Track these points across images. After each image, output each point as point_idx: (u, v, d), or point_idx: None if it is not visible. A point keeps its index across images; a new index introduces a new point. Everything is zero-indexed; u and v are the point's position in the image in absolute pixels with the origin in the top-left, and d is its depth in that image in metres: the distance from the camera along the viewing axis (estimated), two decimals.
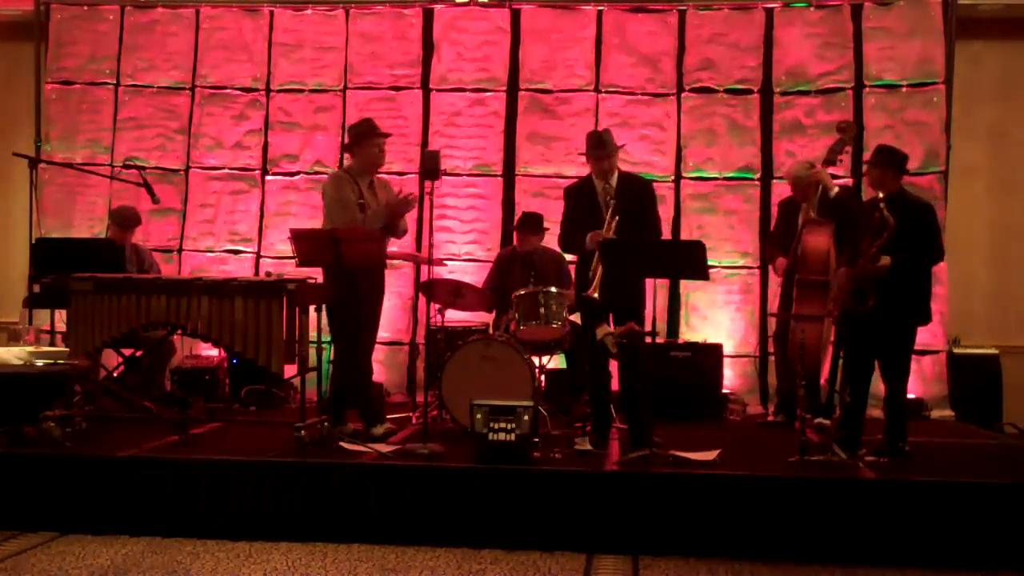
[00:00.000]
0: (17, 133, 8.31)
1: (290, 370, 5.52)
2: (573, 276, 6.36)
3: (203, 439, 5.67)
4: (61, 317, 6.06)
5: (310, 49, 8.25)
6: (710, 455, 5.13)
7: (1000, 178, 8.01)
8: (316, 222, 7.88)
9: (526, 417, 4.92)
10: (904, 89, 7.74)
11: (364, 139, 5.89)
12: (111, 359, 6.79)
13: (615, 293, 5.34)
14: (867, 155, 5.51)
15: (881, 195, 5.27)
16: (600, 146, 5.63)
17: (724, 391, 7.29)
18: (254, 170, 8.25)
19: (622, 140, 5.97)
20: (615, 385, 5.72)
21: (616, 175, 5.65)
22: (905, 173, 5.52)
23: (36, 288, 6.08)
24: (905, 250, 5.21)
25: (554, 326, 6.10)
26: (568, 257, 7.14)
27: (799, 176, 6.53)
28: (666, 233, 6.91)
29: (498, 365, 5.88)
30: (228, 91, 8.30)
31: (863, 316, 5.22)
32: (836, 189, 5.77)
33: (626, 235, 5.41)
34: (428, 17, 8.16)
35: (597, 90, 8.02)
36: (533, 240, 6.86)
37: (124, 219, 7.21)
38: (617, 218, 5.44)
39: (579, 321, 5.85)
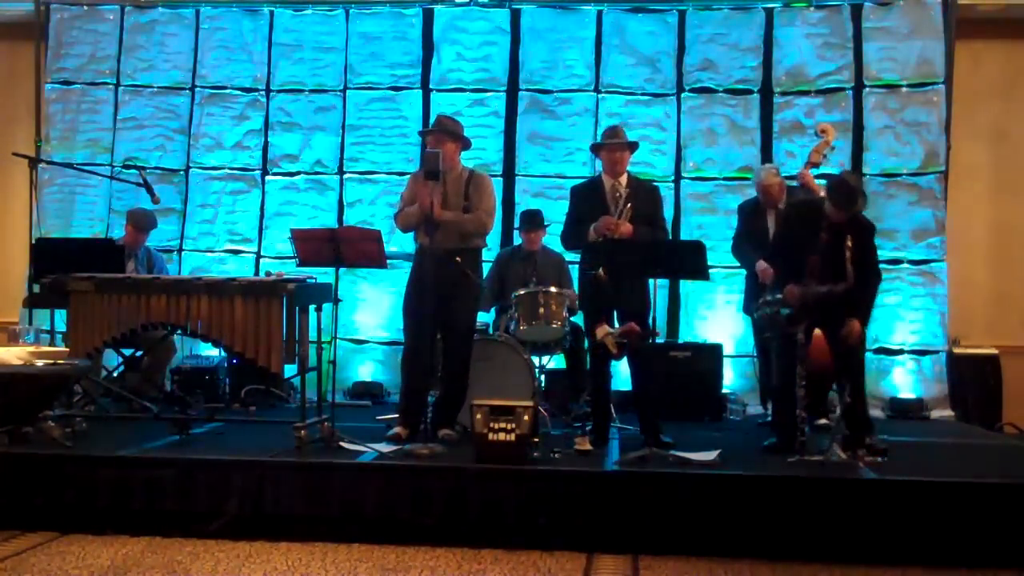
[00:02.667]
0: (17, 133, 8.31)
1: (290, 370, 5.52)
2: (576, 276, 6.35)
3: (203, 439, 5.67)
4: (61, 317, 6.06)
5: (310, 49, 8.25)
6: (710, 455, 5.13)
7: (1000, 178, 8.01)
8: (316, 222, 7.96)
9: (526, 417, 4.92)
10: (904, 89, 7.75)
11: (429, 133, 5.86)
12: (111, 359, 6.79)
13: (621, 293, 5.33)
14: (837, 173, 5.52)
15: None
16: (614, 135, 5.68)
17: (724, 391, 7.29)
18: (254, 170, 8.26)
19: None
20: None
21: (625, 176, 5.69)
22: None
23: (36, 288, 6.07)
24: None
25: (554, 326, 6.10)
26: (568, 257, 7.17)
27: (771, 183, 6.50)
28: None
29: (498, 365, 5.88)
30: (228, 91, 8.30)
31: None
32: (823, 192, 5.83)
33: (642, 231, 5.46)
34: (428, 17, 8.17)
35: (597, 90, 8.03)
36: (537, 236, 6.87)
37: (140, 220, 7.20)
38: (630, 206, 5.46)
39: (580, 319, 5.85)
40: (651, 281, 5.46)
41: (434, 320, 5.59)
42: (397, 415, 5.79)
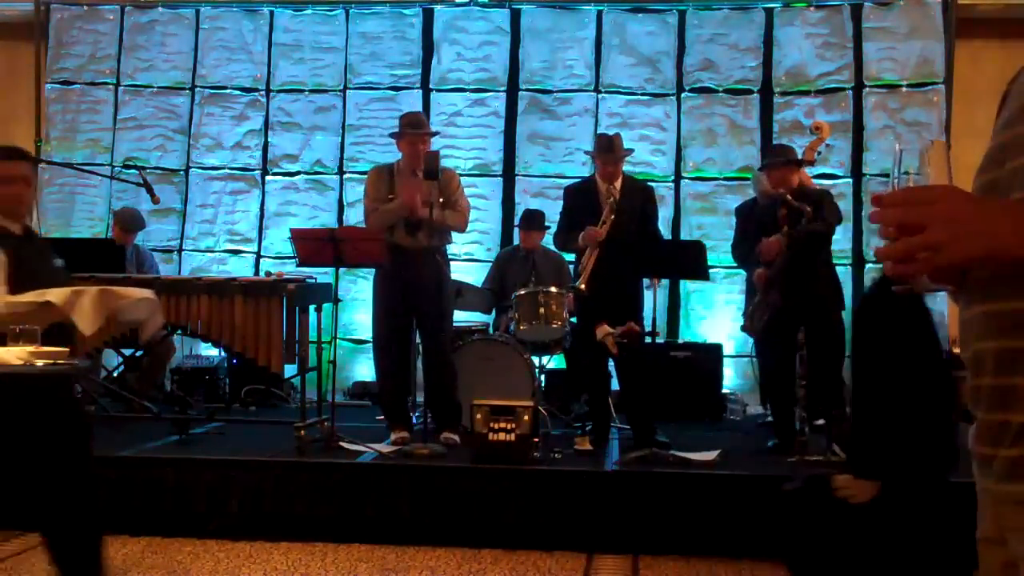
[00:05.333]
0: (17, 133, 8.30)
1: (290, 370, 5.52)
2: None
3: (203, 439, 5.67)
4: None
5: (310, 49, 8.25)
6: (710, 455, 5.13)
7: None
8: (316, 222, 7.96)
9: (526, 417, 4.92)
10: (904, 89, 7.75)
11: (401, 133, 5.74)
12: (111, 359, 6.79)
13: (612, 293, 5.36)
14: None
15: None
16: (610, 150, 5.64)
17: (724, 391, 7.29)
18: (254, 170, 8.26)
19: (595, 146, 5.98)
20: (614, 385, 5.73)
21: (620, 178, 5.68)
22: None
23: None
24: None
25: (554, 326, 6.10)
26: (568, 257, 7.18)
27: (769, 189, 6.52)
28: (665, 233, 6.92)
29: (498, 365, 5.88)
30: (228, 91, 8.30)
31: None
32: (816, 188, 5.86)
33: (625, 235, 5.44)
34: (428, 17, 8.17)
35: (597, 90, 8.03)
36: (536, 237, 6.87)
37: (127, 221, 7.21)
38: (613, 217, 5.46)
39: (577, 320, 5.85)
40: (643, 281, 5.48)
41: (414, 317, 5.58)
42: (385, 418, 5.78)
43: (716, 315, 7.76)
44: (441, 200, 5.59)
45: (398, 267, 5.51)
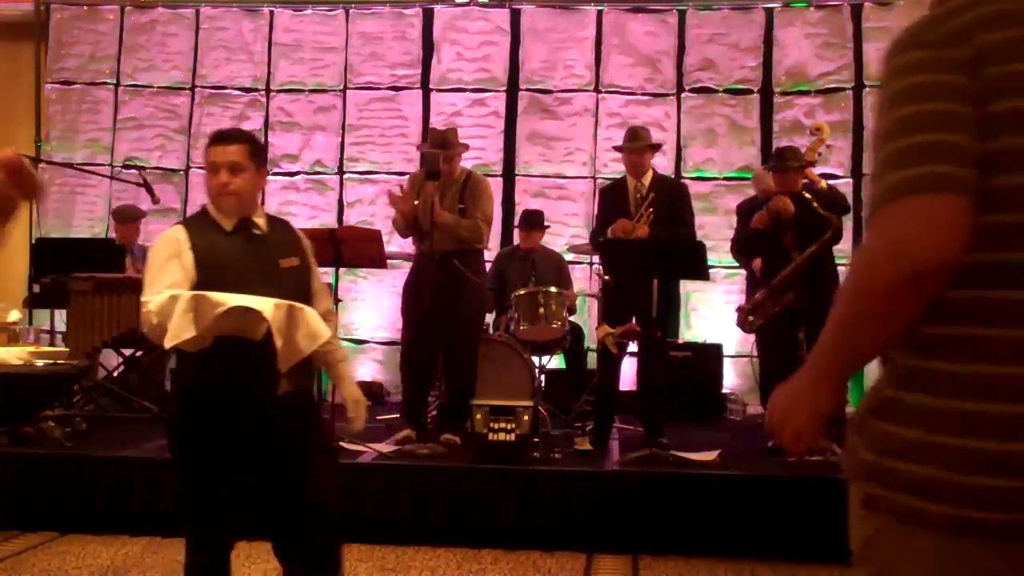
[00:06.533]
0: (17, 133, 8.30)
1: None
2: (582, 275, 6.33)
3: None
4: (61, 317, 6.06)
5: (310, 49, 8.26)
6: (710, 455, 5.13)
7: None
8: (316, 222, 7.96)
9: (526, 417, 4.92)
10: None
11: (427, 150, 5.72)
12: (111, 359, 6.79)
13: (636, 294, 5.31)
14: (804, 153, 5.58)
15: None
16: (634, 139, 5.66)
17: (724, 391, 7.29)
18: None
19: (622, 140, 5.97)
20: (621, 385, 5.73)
21: (650, 175, 5.66)
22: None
23: (36, 288, 6.07)
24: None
25: (554, 326, 6.10)
26: (568, 257, 7.18)
27: (771, 186, 6.50)
28: None
29: (498, 365, 5.87)
30: (228, 91, 8.31)
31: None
32: (824, 184, 5.84)
33: (659, 232, 5.43)
34: (428, 17, 8.18)
35: (597, 90, 8.03)
36: (536, 237, 6.87)
37: (120, 214, 7.22)
38: (651, 210, 5.45)
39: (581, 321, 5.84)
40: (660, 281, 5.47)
41: (434, 323, 5.55)
42: (400, 417, 5.79)
43: (716, 315, 7.76)
44: (461, 207, 5.55)
45: (418, 272, 5.54)
